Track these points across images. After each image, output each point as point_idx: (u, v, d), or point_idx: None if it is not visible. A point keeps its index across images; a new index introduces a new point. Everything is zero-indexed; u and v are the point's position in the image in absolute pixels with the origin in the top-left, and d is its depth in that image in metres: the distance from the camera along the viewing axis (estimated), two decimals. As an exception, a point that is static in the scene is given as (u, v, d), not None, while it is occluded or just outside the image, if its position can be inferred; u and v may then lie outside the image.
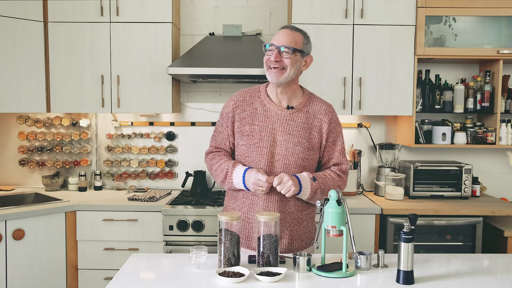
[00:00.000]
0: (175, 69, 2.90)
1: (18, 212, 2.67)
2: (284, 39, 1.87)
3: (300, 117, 1.95)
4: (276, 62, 1.87)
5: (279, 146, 1.92)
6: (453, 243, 2.88)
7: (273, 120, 1.93)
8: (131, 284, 1.59)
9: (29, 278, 2.72)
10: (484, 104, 3.16)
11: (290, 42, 1.87)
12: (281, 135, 1.92)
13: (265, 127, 1.93)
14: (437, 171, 3.13)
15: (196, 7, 3.45)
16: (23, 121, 3.40)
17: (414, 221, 1.62)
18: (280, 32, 1.91)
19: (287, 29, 1.91)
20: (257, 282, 1.58)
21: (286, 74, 1.89)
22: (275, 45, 1.88)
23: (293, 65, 1.89)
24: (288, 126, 1.93)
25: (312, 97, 2.03)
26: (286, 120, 1.93)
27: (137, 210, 2.86)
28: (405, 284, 1.58)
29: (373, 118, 3.47)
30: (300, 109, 1.96)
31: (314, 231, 2.06)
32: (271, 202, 1.91)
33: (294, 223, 1.95)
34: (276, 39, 1.89)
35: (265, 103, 1.96)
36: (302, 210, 1.98)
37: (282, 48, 1.86)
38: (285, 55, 1.87)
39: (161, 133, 3.46)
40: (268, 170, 1.91)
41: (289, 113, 1.95)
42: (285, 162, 1.91)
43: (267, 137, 1.92)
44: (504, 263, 1.87)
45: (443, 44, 3.13)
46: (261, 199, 1.92)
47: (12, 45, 2.99)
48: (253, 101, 1.98)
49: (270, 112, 1.95)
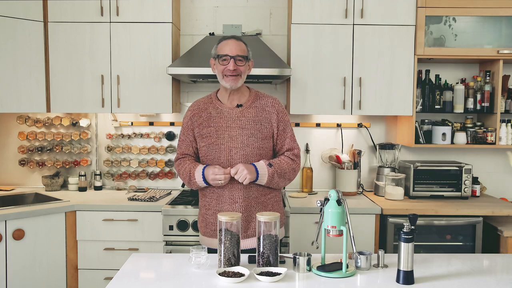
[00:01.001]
0: (175, 69, 2.90)
1: (18, 212, 2.67)
2: (236, 49, 2.11)
3: (250, 113, 2.18)
4: (234, 71, 2.10)
5: (235, 140, 2.14)
6: (453, 243, 2.88)
7: (227, 119, 2.17)
8: (131, 284, 1.59)
9: (29, 278, 2.72)
10: (484, 104, 3.16)
11: (241, 51, 2.13)
12: (235, 130, 2.15)
13: (220, 126, 2.17)
14: (437, 171, 3.13)
15: (196, 7, 3.45)
16: (23, 121, 3.40)
17: (414, 221, 1.62)
18: (229, 43, 2.13)
19: (233, 40, 2.14)
20: (257, 282, 1.59)
21: (241, 79, 2.15)
22: (230, 55, 2.10)
23: (245, 71, 2.17)
24: (240, 122, 2.16)
25: (259, 94, 2.26)
26: (238, 117, 2.17)
27: (137, 210, 2.86)
28: (405, 284, 1.58)
29: (373, 118, 3.47)
30: (249, 106, 2.20)
31: (281, 214, 2.26)
32: (235, 191, 2.14)
33: (259, 207, 2.17)
34: (228, 50, 2.11)
35: (217, 106, 2.21)
36: (265, 194, 2.20)
37: (236, 57, 2.10)
38: (240, 63, 2.12)
39: (161, 133, 3.46)
40: (228, 164, 2.14)
41: (239, 110, 2.18)
42: (242, 153, 2.14)
43: (223, 135, 2.15)
44: (504, 263, 1.87)
45: (443, 44, 3.13)
46: (227, 190, 2.14)
47: (12, 45, 2.99)
48: (207, 107, 2.22)
49: (223, 113, 2.18)
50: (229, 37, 2.17)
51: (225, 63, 2.11)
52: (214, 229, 2.19)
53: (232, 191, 2.14)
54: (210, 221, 2.20)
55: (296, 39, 3.06)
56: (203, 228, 2.26)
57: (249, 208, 2.15)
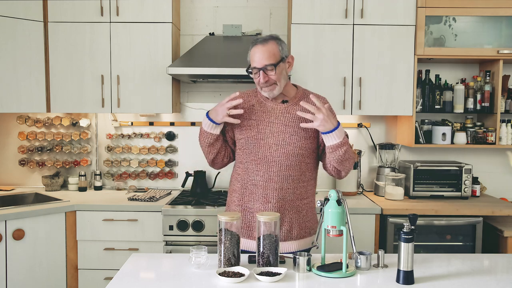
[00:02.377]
0: (175, 69, 2.90)
1: (18, 212, 2.67)
2: (262, 58, 1.95)
3: (295, 110, 2.05)
4: (265, 83, 1.97)
5: (276, 137, 2.02)
6: (453, 243, 2.88)
7: (270, 114, 2.05)
8: (131, 284, 1.59)
9: (29, 278, 2.72)
10: (484, 104, 3.16)
11: (269, 58, 1.95)
12: (278, 126, 2.03)
13: (262, 121, 2.05)
14: (437, 171, 3.13)
15: (196, 7, 3.45)
16: (23, 121, 3.40)
17: (414, 221, 1.62)
18: (255, 52, 1.98)
19: (259, 45, 1.97)
20: (257, 282, 1.59)
21: (279, 87, 2.00)
22: (257, 67, 1.96)
23: (280, 76, 1.99)
24: (284, 118, 2.04)
25: (306, 92, 2.13)
26: (282, 113, 2.05)
27: (137, 210, 2.86)
28: (405, 284, 1.58)
29: (373, 118, 3.47)
30: (295, 103, 2.07)
31: (315, 222, 2.14)
32: (270, 190, 2.01)
33: (293, 211, 2.04)
34: (256, 61, 1.97)
35: (262, 100, 2.09)
36: (301, 198, 2.06)
37: (264, 68, 1.95)
38: (270, 72, 1.96)
39: (161, 133, 3.46)
40: (266, 161, 2.02)
41: (284, 106, 2.06)
42: (282, 151, 2.01)
43: (264, 130, 2.03)
44: (504, 263, 1.87)
45: (443, 44, 3.13)
46: (260, 188, 2.02)
47: (12, 45, 2.99)
48: (250, 99, 2.10)
49: (266, 107, 2.06)
50: (256, 43, 1.99)
51: (256, 76, 1.99)
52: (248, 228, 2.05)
53: (266, 190, 2.01)
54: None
55: (296, 39, 3.06)
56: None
57: (283, 210, 2.01)
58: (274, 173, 2.01)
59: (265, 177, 2.01)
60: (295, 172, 2.03)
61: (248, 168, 2.05)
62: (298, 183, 2.05)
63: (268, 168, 2.02)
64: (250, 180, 2.04)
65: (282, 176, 2.01)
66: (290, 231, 2.03)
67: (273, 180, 2.01)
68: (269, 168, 2.01)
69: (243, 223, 2.06)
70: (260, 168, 2.02)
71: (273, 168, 2.01)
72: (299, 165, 2.04)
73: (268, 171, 2.01)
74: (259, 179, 2.02)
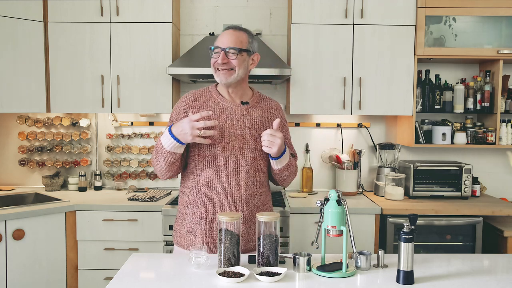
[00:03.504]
0: (175, 69, 2.90)
1: (18, 212, 2.67)
2: (228, 40, 1.88)
3: (255, 112, 1.98)
4: (224, 64, 1.87)
5: (241, 140, 1.92)
6: (453, 243, 2.88)
7: (230, 116, 1.94)
8: (131, 284, 1.59)
9: (29, 278, 2.72)
10: (484, 104, 3.16)
11: (235, 42, 1.88)
12: (241, 129, 1.93)
13: (223, 123, 1.92)
14: (437, 171, 3.13)
15: (196, 7, 3.45)
16: (23, 121, 3.40)
17: (414, 221, 1.62)
18: (224, 33, 1.91)
19: (230, 29, 1.91)
20: (257, 282, 1.58)
21: (235, 74, 1.90)
22: (221, 47, 1.88)
23: (240, 65, 1.90)
24: (246, 121, 1.95)
25: (262, 96, 2.08)
26: (243, 115, 1.95)
27: (137, 210, 2.86)
28: (405, 284, 1.58)
29: (373, 118, 3.47)
30: (254, 105, 2.00)
31: None
32: (239, 197, 1.91)
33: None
34: (221, 41, 1.89)
35: (219, 101, 1.96)
36: (264, 204, 2.02)
37: (227, 49, 1.87)
38: (232, 56, 1.88)
39: (161, 133, 3.46)
40: (232, 166, 1.91)
41: (244, 108, 1.97)
42: (249, 155, 1.93)
43: (226, 133, 1.91)
44: (504, 263, 1.87)
45: (443, 44, 3.13)
46: (228, 196, 1.90)
47: (12, 45, 2.99)
48: (206, 100, 1.96)
49: (226, 109, 1.95)
50: (228, 27, 1.94)
51: (217, 56, 1.89)
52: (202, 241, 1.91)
53: (235, 197, 1.90)
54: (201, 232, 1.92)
55: (296, 39, 3.06)
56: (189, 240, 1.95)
57: (251, 218, 1.93)
58: (243, 179, 1.91)
59: (233, 184, 1.90)
60: (261, 177, 1.98)
61: (212, 176, 1.90)
62: (263, 188, 2.00)
63: (235, 174, 1.90)
64: (216, 189, 1.90)
65: (250, 182, 1.93)
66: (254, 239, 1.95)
67: (242, 186, 1.91)
68: (237, 173, 1.90)
69: (209, 237, 1.91)
70: (227, 175, 1.89)
71: (241, 173, 1.91)
72: (263, 169, 1.99)
73: (236, 177, 1.90)
74: (226, 186, 1.89)
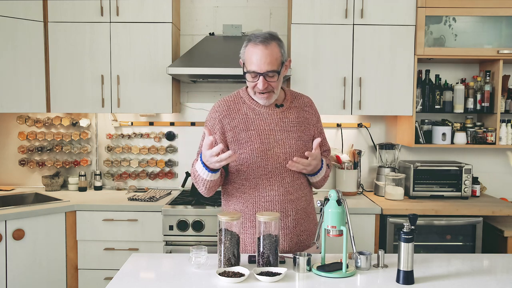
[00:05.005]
0: (175, 69, 2.90)
1: (18, 212, 2.67)
2: (264, 63, 1.75)
3: (291, 113, 1.93)
4: (265, 89, 1.80)
5: (282, 145, 1.87)
6: (453, 243, 2.88)
7: (268, 122, 1.89)
8: (131, 284, 1.59)
9: (29, 278, 2.72)
10: (484, 104, 3.15)
11: (272, 63, 1.77)
12: (280, 133, 1.88)
13: (263, 130, 1.87)
14: (437, 171, 3.13)
15: (196, 7, 3.45)
16: (23, 121, 3.40)
17: (414, 221, 1.62)
18: (255, 52, 1.76)
19: (261, 47, 1.76)
20: (257, 282, 1.58)
21: (275, 94, 1.85)
22: (258, 73, 1.77)
23: (279, 84, 1.84)
24: (284, 124, 1.90)
25: (293, 93, 2.02)
26: (280, 119, 1.90)
27: (137, 210, 2.86)
28: (405, 284, 1.58)
29: (373, 118, 3.47)
30: (289, 106, 1.95)
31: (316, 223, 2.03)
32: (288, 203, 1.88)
33: (304, 218, 1.93)
34: (256, 65, 1.76)
35: (254, 107, 1.90)
36: (310, 203, 1.99)
37: (266, 73, 1.77)
38: (272, 79, 1.79)
39: (161, 133, 3.46)
40: (277, 172, 1.86)
41: (280, 111, 1.92)
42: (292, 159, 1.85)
43: (267, 139, 1.86)
44: (504, 263, 1.87)
45: (443, 44, 3.12)
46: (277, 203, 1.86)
47: (12, 45, 2.98)
48: (240, 108, 1.90)
49: (262, 114, 1.89)
50: (257, 42, 1.77)
51: (255, 80, 1.79)
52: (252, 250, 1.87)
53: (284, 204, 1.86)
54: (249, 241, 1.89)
55: (296, 39, 3.06)
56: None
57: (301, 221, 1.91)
58: (289, 184, 1.88)
59: (281, 190, 1.86)
60: (304, 179, 1.96)
61: (258, 185, 1.86)
62: (306, 188, 1.97)
63: (281, 181, 1.87)
64: (264, 197, 1.86)
65: (296, 186, 1.90)
66: (307, 239, 1.94)
67: (289, 192, 1.87)
68: (283, 180, 1.87)
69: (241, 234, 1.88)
70: (273, 182, 1.86)
71: (287, 179, 1.88)
72: None
73: (283, 184, 1.87)
74: (274, 194, 1.86)
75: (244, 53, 1.83)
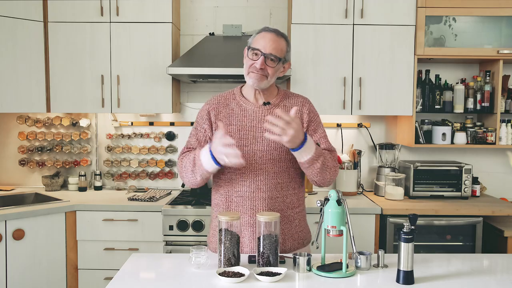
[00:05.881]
0: (175, 69, 2.90)
1: (18, 212, 2.67)
2: (271, 47, 1.82)
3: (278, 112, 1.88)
4: (260, 70, 1.83)
5: (260, 143, 1.88)
6: (453, 243, 2.88)
7: (251, 118, 1.90)
8: (131, 284, 1.59)
9: (29, 278, 2.72)
10: (484, 104, 3.15)
11: (277, 50, 1.83)
12: (261, 131, 1.88)
13: (243, 126, 1.89)
14: (437, 171, 3.13)
15: (196, 7, 3.45)
16: (23, 121, 3.40)
17: (414, 221, 1.62)
18: (266, 36, 1.84)
19: (273, 34, 1.85)
20: (257, 282, 1.58)
21: (267, 81, 1.86)
22: (262, 51, 1.82)
23: (274, 73, 1.87)
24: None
25: (288, 94, 2.00)
26: (264, 116, 1.89)
27: (137, 210, 2.86)
28: (405, 284, 1.58)
29: (373, 118, 3.47)
30: (277, 104, 1.94)
31: (307, 231, 2.02)
32: (258, 201, 1.87)
33: (284, 221, 1.90)
34: (262, 45, 1.83)
35: (241, 103, 1.93)
36: (292, 207, 1.94)
37: (268, 55, 1.82)
38: (271, 63, 1.84)
39: (161, 133, 3.46)
40: (251, 168, 1.87)
41: (266, 109, 1.92)
42: (268, 158, 1.87)
43: (246, 135, 1.88)
44: (504, 263, 1.87)
45: (443, 44, 3.12)
46: (247, 199, 1.87)
47: (12, 45, 2.99)
48: (229, 103, 1.95)
49: (247, 111, 1.92)
50: (270, 30, 1.86)
51: (255, 58, 1.83)
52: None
53: (254, 201, 1.87)
54: None
55: (296, 39, 3.06)
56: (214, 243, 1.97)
57: None
58: (262, 182, 1.87)
59: (252, 187, 1.87)
60: (283, 179, 1.91)
61: (232, 179, 1.89)
62: (288, 190, 1.93)
63: (254, 177, 1.87)
64: (236, 192, 1.89)
65: (270, 185, 1.88)
66: (283, 243, 1.90)
67: (261, 189, 1.87)
68: (256, 177, 1.87)
69: None
70: (246, 178, 1.87)
71: (260, 176, 1.87)
72: (287, 171, 1.91)
73: (255, 181, 1.87)
74: (245, 190, 1.87)
75: (254, 37, 1.88)
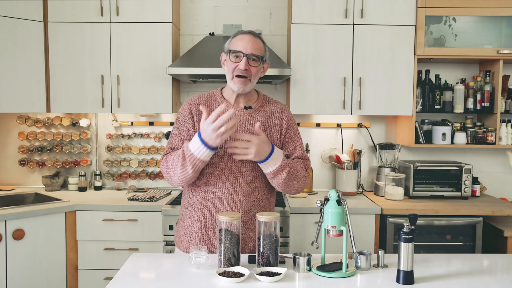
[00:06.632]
0: (175, 69, 2.90)
1: (18, 212, 2.67)
2: (251, 47, 1.84)
3: (258, 116, 1.94)
4: (244, 71, 1.84)
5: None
6: (453, 243, 2.88)
7: None
8: (131, 284, 1.59)
9: (29, 278, 2.72)
10: (484, 104, 3.16)
11: (257, 50, 1.86)
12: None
13: None
14: (437, 171, 3.13)
15: (196, 7, 3.45)
16: (23, 121, 3.40)
17: (414, 221, 1.62)
18: (244, 38, 1.86)
19: (250, 35, 1.87)
20: (257, 282, 1.58)
21: (251, 84, 1.89)
22: (243, 52, 1.83)
23: (256, 74, 1.89)
24: (248, 126, 1.91)
25: (268, 99, 2.03)
26: (246, 120, 1.91)
27: (137, 210, 2.86)
28: (405, 284, 1.58)
29: (373, 118, 3.47)
30: (258, 109, 1.96)
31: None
32: (235, 203, 1.88)
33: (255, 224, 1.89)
34: (242, 47, 1.84)
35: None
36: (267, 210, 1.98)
37: (250, 55, 1.84)
38: (253, 63, 1.86)
39: (161, 133, 3.46)
40: (231, 171, 1.88)
41: (247, 113, 1.93)
42: (248, 161, 1.87)
43: (227, 138, 1.82)
44: (504, 263, 1.87)
45: (443, 44, 3.13)
46: (224, 201, 1.87)
47: (12, 45, 2.99)
48: (209, 104, 1.94)
49: None
50: (246, 32, 1.89)
51: (237, 61, 1.84)
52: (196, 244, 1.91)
53: (231, 203, 1.88)
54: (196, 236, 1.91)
55: (296, 39, 3.06)
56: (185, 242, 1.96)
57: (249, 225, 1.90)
58: (240, 185, 1.88)
59: (230, 189, 1.87)
60: (261, 184, 1.92)
61: (210, 180, 1.88)
62: (264, 195, 1.95)
63: (233, 180, 1.87)
64: (213, 193, 1.88)
65: (248, 188, 1.89)
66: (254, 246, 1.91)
67: (239, 192, 1.87)
68: (235, 179, 1.87)
69: (204, 240, 1.90)
70: (225, 180, 1.87)
71: (239, 179, 1.88)
72: (264, 175, 1.91)
73: (234, 183, 1.87)
74: (223, 192, 1.87)
75: (230, 42, 1.90)
